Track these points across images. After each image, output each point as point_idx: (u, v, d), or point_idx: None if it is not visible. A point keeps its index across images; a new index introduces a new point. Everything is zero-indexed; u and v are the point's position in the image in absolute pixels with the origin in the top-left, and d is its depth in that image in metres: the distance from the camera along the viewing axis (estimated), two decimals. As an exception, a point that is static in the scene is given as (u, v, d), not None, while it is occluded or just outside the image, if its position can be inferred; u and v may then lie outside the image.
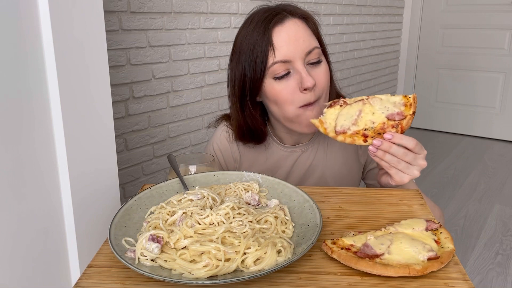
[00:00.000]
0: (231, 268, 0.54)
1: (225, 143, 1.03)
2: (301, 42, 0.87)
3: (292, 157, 1.02)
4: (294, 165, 1.02)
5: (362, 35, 3.20)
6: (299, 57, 0.87)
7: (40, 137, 0.72)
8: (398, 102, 0.77)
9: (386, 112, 0.76)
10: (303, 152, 1.02)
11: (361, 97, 0.79)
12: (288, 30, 0.87)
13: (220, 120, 1.06)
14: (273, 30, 0.87)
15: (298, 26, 0.88)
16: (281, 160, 1.02)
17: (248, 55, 0.88)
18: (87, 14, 0.74)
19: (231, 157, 1.03)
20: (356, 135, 0.76)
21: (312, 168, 1.03)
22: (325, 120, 0.79)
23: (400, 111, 0.76)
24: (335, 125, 0.78)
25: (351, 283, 0.54)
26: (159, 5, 1.63)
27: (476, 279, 1.86)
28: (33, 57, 0.69)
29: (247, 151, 1.03)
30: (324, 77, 0.90)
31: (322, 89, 0.90)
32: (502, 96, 3.65)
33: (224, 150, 1.03)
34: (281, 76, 0.88)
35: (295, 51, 0.87)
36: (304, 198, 0.70)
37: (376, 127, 0.76)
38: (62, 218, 0.77)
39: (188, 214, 0.63)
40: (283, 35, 0.87)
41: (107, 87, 0.80)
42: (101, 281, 0.55)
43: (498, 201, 2.60)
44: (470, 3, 3.62)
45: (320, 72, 0.90)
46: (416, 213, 0.73)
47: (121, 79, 1.54)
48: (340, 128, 0.78)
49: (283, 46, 0.86)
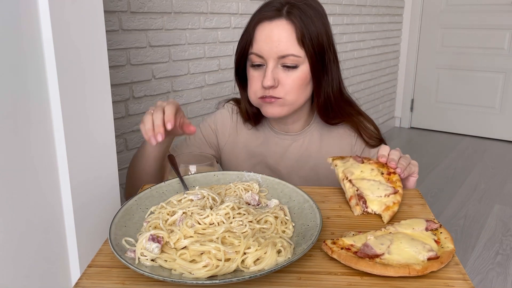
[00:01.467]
0: (231, 268, 0.54)
1: (226, 117, 1.11)
2: (277, 44, 0.90)
3: (283, 143, 1.06)
4: (286, 152, 1.06)
5: (362, 35, 3.20)
6: (271, 57, 0.91)
7: (40, 137, 0.72)
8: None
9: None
10: (294, 141, 1.06)
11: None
12: (272, 29, 0.91)
13: (229, 101, 1.14)
14: (260, 24, 0.93)
15: (283, 29, 0.90)
16: (272, 146, 1.07)
17: (241, 38, 0.97)
18: (87, 14, 0.74)
19: (226, 131, 1.10)
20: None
21: (304, 158, 1.05)
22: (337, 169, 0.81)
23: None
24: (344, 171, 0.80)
25: (351, 283, 0.54)
26: (159, 5, 1.63)
27: (476, 279, 1.86)
28: (33, 57, 0.69)
29: (244, 131, 1.09)
30: (291, 82, 0.93)
31: (285, 92, 0.93)
32: (502, 96, 3.65)
33: (221, 123, 1.11)
34: (255, 65, 0.95)
35: (269, 51, 0.91)
36: (304, 198, 0.70)
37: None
38: (62, 218, 0.77)
39: (188, 214, 0.63)
40: (265, 32, 0.92)
41: (107, 87, 0.80)
42: (101, 281, 0.55)
43: (498, 201, 2.60)
44: (470, 3, 3.62)
45: (288, 77, 0.93)
46: (416, 213, 0.73)
47: (121, 79, 1.54)
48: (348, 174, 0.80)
49: (260, 42, 0.92)
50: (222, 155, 1.12)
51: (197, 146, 1.10)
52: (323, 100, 0.97)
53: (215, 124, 1.11)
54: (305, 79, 0.94)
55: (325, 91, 0.97)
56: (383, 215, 0.70)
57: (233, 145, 1.09)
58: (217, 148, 1.12)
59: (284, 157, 1.06)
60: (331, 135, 1.06)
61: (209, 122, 1.12)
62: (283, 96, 0.93)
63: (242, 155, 1.09)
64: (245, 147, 1.09)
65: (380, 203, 0.72)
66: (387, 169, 0.78)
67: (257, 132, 1.09)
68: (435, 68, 3.90)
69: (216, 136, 1.11)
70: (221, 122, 1.11)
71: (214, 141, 1.11)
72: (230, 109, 1.12)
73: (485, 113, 3.76)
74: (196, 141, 1.10)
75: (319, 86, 0.96)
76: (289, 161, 1.06)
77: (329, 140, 1.06)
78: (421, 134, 3.97)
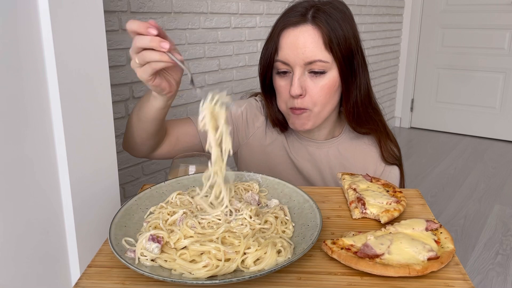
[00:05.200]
0: (231, 268, 0.54)
1: (254, 111, 1.06)
2: (303, 51, 0.87)
3: (306, 150, 1.03)
4: (308, 158, 1.03)
5: (362, 35, 3.18)
6: (298, 64, 0.89)
7: (40, 137, 0.72)
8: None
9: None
10: (318, 149, 1.03)
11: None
12: (297, 36, 0.88)
13: (257, 94, 1.10)
14: (284, 31, 0.90)
15: (309, 35, 0.87)
16: (295, 150, 1.04)
17: (266, 46, 0.94)
18: (87, 14, 0.74)
19: (252, 123, 1.06)
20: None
21: (325, 166, 1.03)
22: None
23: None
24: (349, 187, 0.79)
25: (351, 283, 0.54)
26: (159, 5, 1.63)
27: (476, 279, 1.86)
28: (32, 57, 0.69)
29: (272, 130, 1.05)
30: (319, 91, 0.90)
31: (314, 102, 0.91)
32: (502, 96, 3.65)
33: (253, 113, 1.06)
34: (282, 72, 0.92)
35: (295, 58, 0.88)
36: (304, 198, 0.70)
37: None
38: (62, 218, 0.77)
39: (188, 214, 0.63)
40: (290, 39, 0.89)
41: (107, 87, 0.80)
42: (101, 281, 0.55)
43: (498, 201, 2.60)
44: (470, 3, 3.62)
45: (317, 84, 0.90)
46: (416, 213, 0.73)
47: (121, 79, 1.54)
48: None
49: (285, 49, 0.89)
50: (244, 146, 1.07)
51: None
52: (351, 106, 0.94)
53: (246, 112, 1.06)
54: (333, 86, 0.91)
55: (354, 97, 0.93)
56: (381, 215, 0.69)
57: (259, 140, 1.06)
58: (237, 136, 1.06)
59: (304, 162, 1.03)
60: (356, 152, 1.03)
61: (242, 107, 1.06)
62: (311, 108, 0.91)
63: (266, 154, 1.05)
64: (269, 145, 1.05)
65: (379, 207, 0.71)
66: (393, 189, 0.77)
67: (282, 135, 1.06)
68: (435, 68, 3.90)
69: (244, 124, 1.06)
70: (253, 113, 1.06)
71: (240, 127, 1.06)
72: (260, 104, 1.07)
73: (485, 113, 3.76)
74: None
75: (348, 92, 0.93)
76: (311, 167, 1.03)
77: (353, 157, 1.02)
78: (421, 134, 3.97)
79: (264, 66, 0.95)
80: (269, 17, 2.20)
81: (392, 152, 1.01)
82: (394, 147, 1.03)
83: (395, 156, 1.02)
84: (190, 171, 0.83)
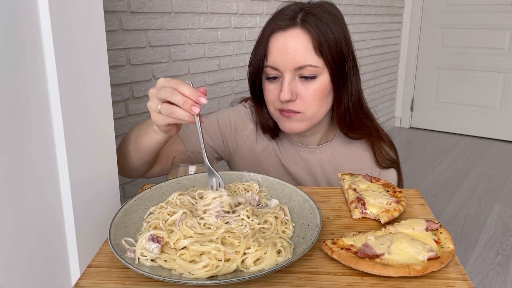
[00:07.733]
0: (231, 268, 0.54)
1: (243, 119, 1.04)
2: (293, 56, 0.85)
3: (299, 155, 1.02)
4: (301, 164, 1.02)
5: (362, 35, 3.20)
6: (287, 69, 0.87)
7: (40, 138, 0.72)
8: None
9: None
10: (311, 154, 1.02)
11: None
12: (286, 40, 0.86)
13: (247, 100, 1.08)
14: (273, 35, 0.88)
15: (299, 39, 0.85)
16: (288, 156, 1.03)
17: (254, 50, 0.92)
18: (87, 14, 0.74)
19: (242, 131, 1.04)
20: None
21: (317, 173, 1.02)
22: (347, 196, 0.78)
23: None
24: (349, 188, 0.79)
25: (351, 283, 0.54)
26: (159, 5, 1.63)
27: (476, 279, 1.86)
28: (32, 57, 0.69)
29: (261, 136, 1.04)
30: (311, 95, 0.88)
31: (305, 106, 0.89)
32: (502, 96, 3.65)
33: (242, 121, 1.04)
34: (271, 77, 0.90)
35: (285, 63, 0.87)
36: (304, 198, 0.70)
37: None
38: (62, 218, 0.77)
39: (187, 214, 0.63)
40: (279, 43, 0.87)
41: (107, 87, 0.80)
42: (101, 281, 0.55)
43: (498, 201, 2.60)
44: (470, 3, 3.62)
45: (308, 88, 0.88)
46: (416, 213, 0.73)
47: (121, 79, 1.54)
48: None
49: (275, 54, 0.88)
50: (235, 155, 1.06)
51: (207, 135, 1.02)
52: (342, 112, 0.93)
53: (235, 121, 1.04)
54: (325, 91, 0.89)
55: (345, 102, 0.92)
56: (381, 215, 0.69)
57: (250, 148, 1.04)
58: (226, 146, 1.05)
59: (298, 168, 1.02)
60: (350, 157, 1.01)
61: (230, 116, 1.04)
62: (303, 111, 0.89)
63: (258, 161, 1.04)
64: (261, 152, 1.04)
65: (379, 207, 0.71)
66: (393, 189, 0.78)
67: (273, 141, 1.04)
68: (435, 68, 3.90)
69: (233, 134, 1.04)
70: (242, 121, 1.04)
71: (229, 137, 1.04)
72: (250, 111, 1.05)
73: (485, 113, 3.76)
74: (209, 129, 1.02)
75: (339, 96, 0.91)
76: (304, 171, 1.02)
77: (347, 161, 1.01)
78: (421, 134, 3.97)
79: (254, 72, 0.92)
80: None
81: (387, 156, 1.00)
82: (390, 150, 1.01)
83: (391, 159, 1.01)
84: (190, 171, 0.83)
